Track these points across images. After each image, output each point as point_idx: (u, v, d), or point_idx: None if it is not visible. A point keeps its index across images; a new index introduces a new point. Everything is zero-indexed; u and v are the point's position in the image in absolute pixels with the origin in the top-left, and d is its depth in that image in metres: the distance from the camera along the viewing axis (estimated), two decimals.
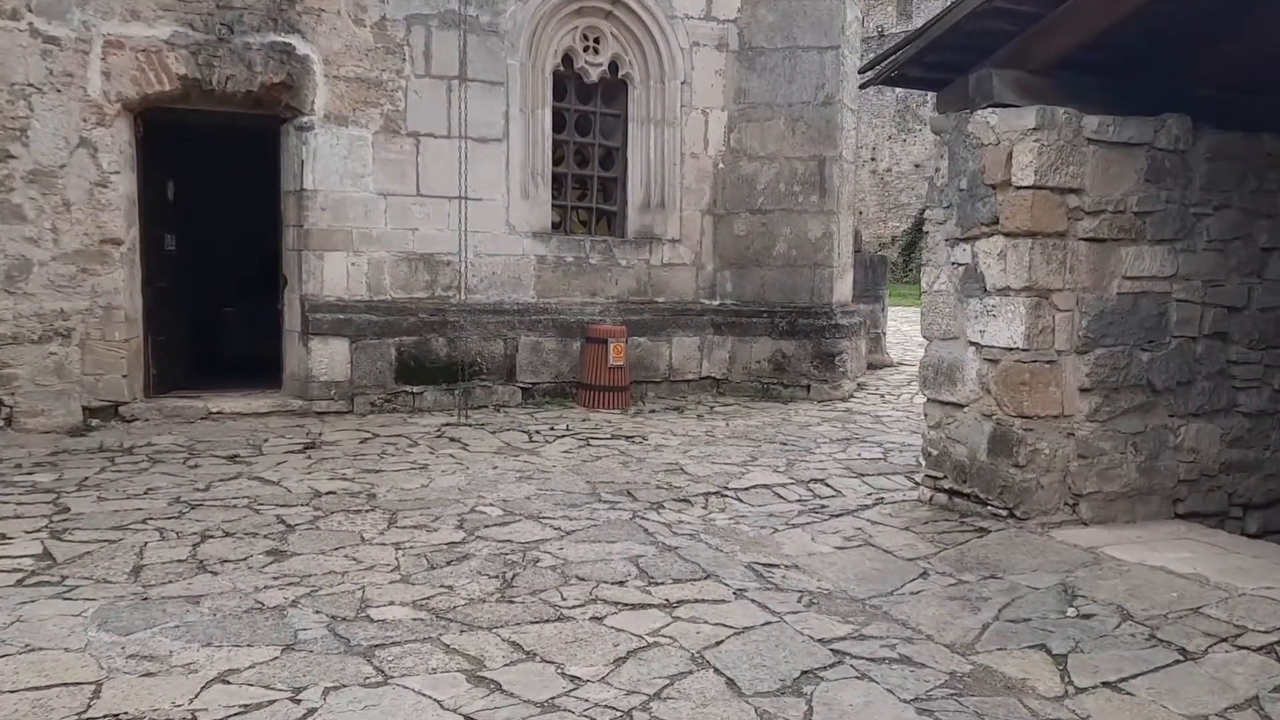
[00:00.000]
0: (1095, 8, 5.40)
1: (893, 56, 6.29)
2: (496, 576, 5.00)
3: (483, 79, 10.35)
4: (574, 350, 10.73)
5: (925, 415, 6.41)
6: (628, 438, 8.81)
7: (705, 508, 6.49)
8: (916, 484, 7.05)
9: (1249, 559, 5.14)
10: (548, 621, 4.40)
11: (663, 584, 4.94)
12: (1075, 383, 5.69)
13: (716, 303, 11.53)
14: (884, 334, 14.27)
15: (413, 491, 6.70)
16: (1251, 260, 6.04)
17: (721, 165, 11.47)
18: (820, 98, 11.17)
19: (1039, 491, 5.68)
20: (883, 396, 11.32)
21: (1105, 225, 5.64)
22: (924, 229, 6.34)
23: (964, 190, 5.96)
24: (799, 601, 4.76)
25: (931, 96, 6.61)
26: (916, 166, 33.84)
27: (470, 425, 9.26)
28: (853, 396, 11.16)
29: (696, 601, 4.69)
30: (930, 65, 6.31)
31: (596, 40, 11.07)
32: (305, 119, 9.64)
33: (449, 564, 5.19)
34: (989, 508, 5.86)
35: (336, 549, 5.41)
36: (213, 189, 11.43)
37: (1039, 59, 5.81)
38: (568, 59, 10.98)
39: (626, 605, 4.63)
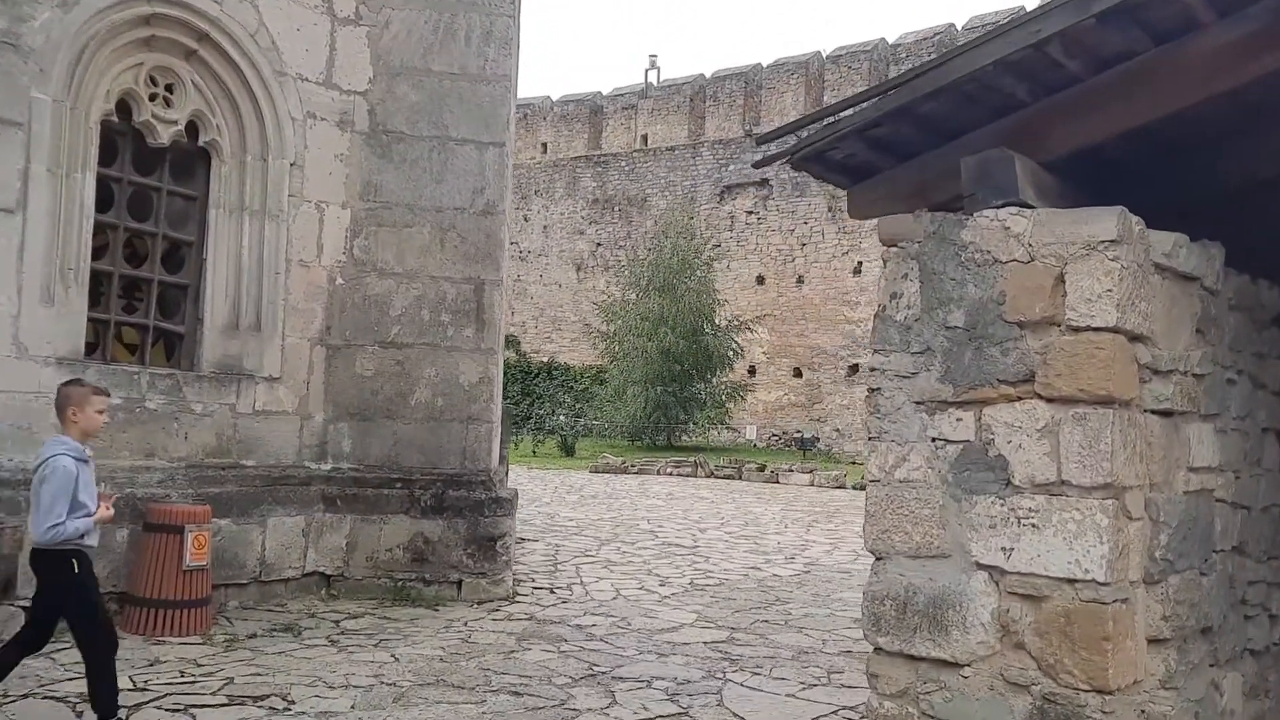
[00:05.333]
0: (1171, 84, 3.71)
1: (831, 120, 4.13)
2: None
3: None
4: (118, 543, 6.91)
5: (874, 676, 4.06)
6: (257, 700, 5.37)
7: None
8: None
9: None
10: None
11: None
12: (1144, 630, 3.75)
13: (329, 467, 8.30)
14: None
15: None
16: (1257, 446, 4.62)
17: (341, 280, 8.44)
18: (480, 205, 8.68)
19: None
20: (551, 590, 8.75)
21: (1178, 392, 3.85)
22: (871, 383, 4.13)
23: (958, 329, 3.88)
24: None
25: None
26: None
27: None
28: (516, 594, 8.45)
29: None
30: (875, 142, 4.25)
31: (170, 87, 7.68)
32: None
33: None
34: None
35: None
36: None
37: (1057, 146, 3.99)
38: (126, 107, 7.47)
39: None
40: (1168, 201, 4.20)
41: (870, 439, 4.11)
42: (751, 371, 32.02)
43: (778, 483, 21.98)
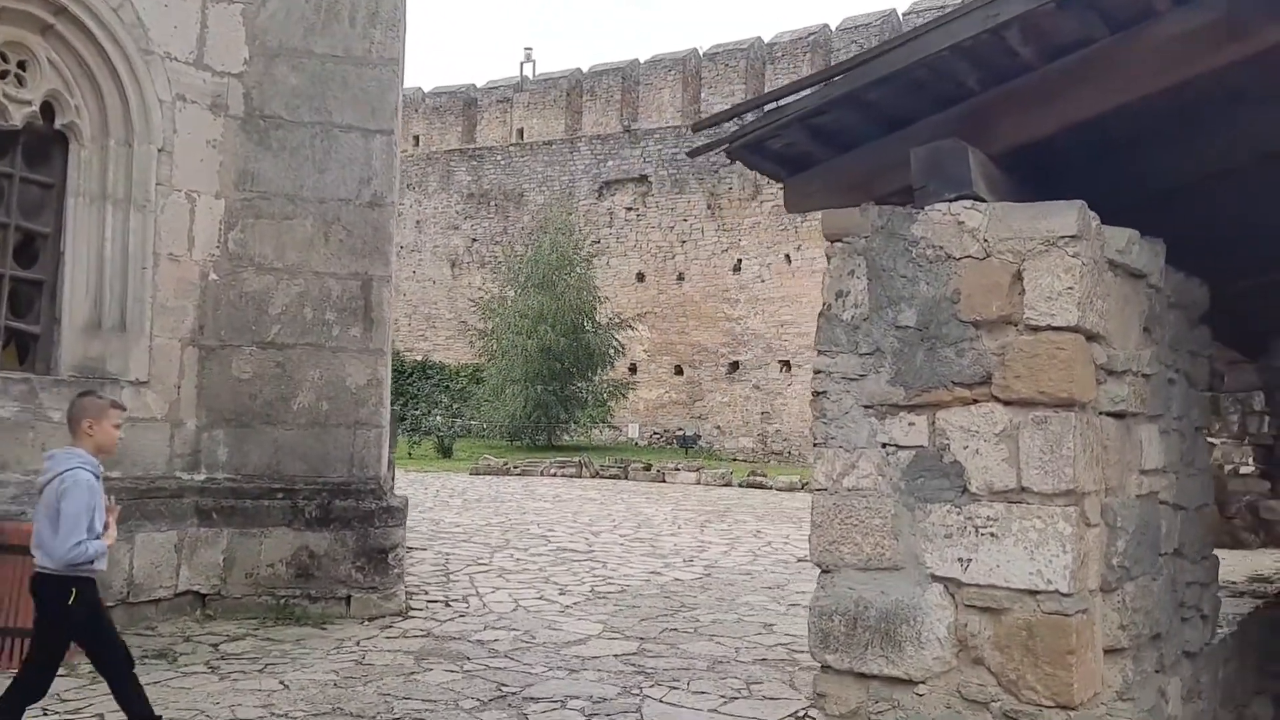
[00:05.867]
0: (1126, 73, 3.58)
1: (774, 106, 3.88)
2: None
3: None
4: None
5: (821, 695, 3.83)
6: None
7: None
8: None
9: None
10: None
11: None
12: (1103, 640, 3.61)
13: (203, 477, 7.70)
14: None
15: None
16: (1191, 446, 4.57)
17: (215, 276, 7.84)
18: (366, 196, 8.19)
19: None
20: (447, 603, 8.31)
21: (1132, 393, 3.73)
22: (816, 385, 3.90)
23: (909, 329, 3.68)
24: None
25: None
26: None
27: None
28: (410, 609, 7.99)
29: None
30: (817, 131, 4.02)
31: (23, 64, 7.00)
32: None
33: None
34: None
35: None
36: None
37: (1005, 138, 3.83)
38: None
39: None
40: (1112, 196, 4.09)
41: (816, 445, 3.88)
42: (633, 369, 31.84)
43: (664, 482, 21.82)
